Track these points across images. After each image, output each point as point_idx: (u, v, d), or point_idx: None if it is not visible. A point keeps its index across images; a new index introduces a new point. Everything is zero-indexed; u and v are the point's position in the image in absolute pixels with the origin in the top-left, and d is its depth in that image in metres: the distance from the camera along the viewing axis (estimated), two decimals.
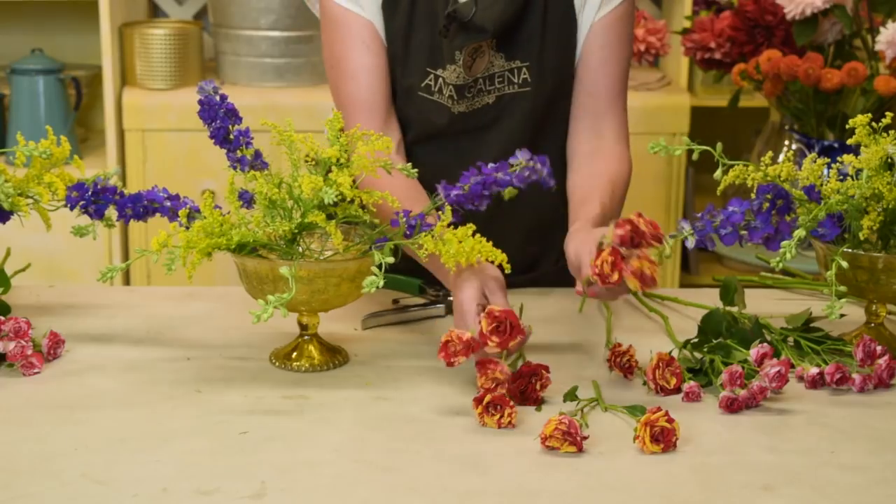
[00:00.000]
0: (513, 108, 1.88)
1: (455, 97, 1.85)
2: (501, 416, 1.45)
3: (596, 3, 1.86)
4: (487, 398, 1.45)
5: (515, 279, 1.93)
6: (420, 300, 1.85)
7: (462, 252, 1.52)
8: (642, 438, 1.40)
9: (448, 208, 1.56)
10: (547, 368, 1.53)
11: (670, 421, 1.40)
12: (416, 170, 1.63)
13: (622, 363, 1.60)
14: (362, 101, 1.84)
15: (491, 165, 1.58)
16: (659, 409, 1.41)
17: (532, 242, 1.99)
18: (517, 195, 1.62)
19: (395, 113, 1.89)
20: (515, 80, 1.86)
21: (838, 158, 1.60)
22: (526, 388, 1.52)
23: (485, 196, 1.58)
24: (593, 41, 1.87)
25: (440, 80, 1.84)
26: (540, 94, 1.88)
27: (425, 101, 1.86)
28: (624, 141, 1.91)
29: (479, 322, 1.50)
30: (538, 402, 1.52)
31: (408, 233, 1.56)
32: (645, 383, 1.58)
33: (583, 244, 1.58)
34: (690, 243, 1.59)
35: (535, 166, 1.57)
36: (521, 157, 1.59)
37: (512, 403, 1.46)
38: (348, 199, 1.55)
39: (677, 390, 1.55)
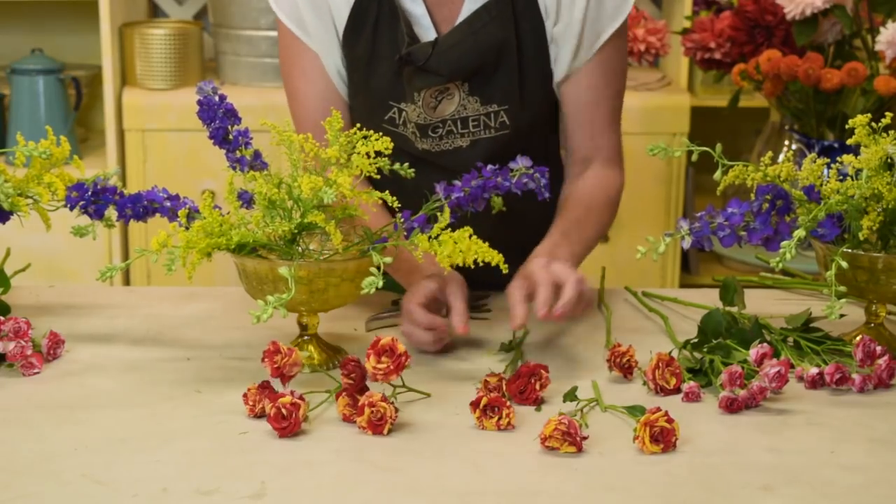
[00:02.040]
0: (490, 151, 1.83)
1: (418, 134, 1.83)
2: (500, 418, 1.45)
3: (570, 53, 1.79)
4: (484, 401, 1.45)
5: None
6: None
7: (457, 253, 1.52)
8: (642, 438, 1.40)
9: (447, 210, 1.57)
10: (546, 368, 1.53)
11: (670, 421, 1.40)
12: (412, 169, 1.63)
13: (622, 363, 1.60)
14: (302, 122, 1.85)
15: (490, 168, 1.59)
16: (659, 409, 1.41)
17: (536, 243, 1.98)
18: (523, 197, 1.62)
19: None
20: (492, 124, 1.82)
21: (838, 158, 1.60)
22: (525, 388, 1.52)
23: (483, 198, 1.59)
24: (581, 81, 1.82)
25: (403, 113, 1.82)
26: (521, 136, 1.85)
27: (391, 132, 1.82)
28: (616, 165, 1.89)
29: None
30: (538, 402, 1.52)
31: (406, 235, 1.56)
32: (645, 383, 1.58)
33: (515, 284, 1.63)
34: (686, 243, 1.59)
35: (534, 175, 1.59)
36: (521, 164, 1.59)
37: (509, 404, 1.45)
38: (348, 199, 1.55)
39: (677, 390, 1.55)
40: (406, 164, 1.64)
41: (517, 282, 1.62)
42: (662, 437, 1.40)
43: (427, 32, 1.78)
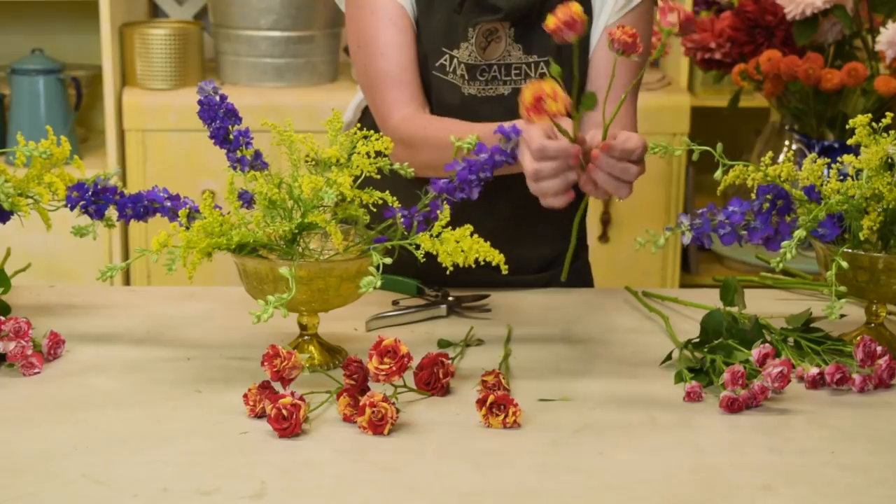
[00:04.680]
0: None
1: (466, 76, 1.86)
2: (506, 416, 1.45)
3: (611, 6, 1.86)
4: (490, 398, 1.45)
5: (529, 278, 1.94)
6: (420, 301, 1.85)
7: (459, 251, 1.52)
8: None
9: (447, 207, 1.56)
10: (446, 356, 1.55)
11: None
12: (412, 169, 1.63)
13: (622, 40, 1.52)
14: (393, 76, 1.85)
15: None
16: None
17: (546, 242, 1.99)
18: (532, 198, 1.62)
19: None
20: (532, 75, 1.87)
21: (838, 158, 1.60)
22: (430, 378, 1.53)
23: (474, 181, 1.58)
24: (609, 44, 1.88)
25: (454, 59, 1.85)
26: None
27: (440, 80, 1.87)
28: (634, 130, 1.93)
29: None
30: (444, 391, 1.53)
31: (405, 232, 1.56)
32: None
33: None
34: (686, 239, 1.59)
35: (512, 136, 1.58)
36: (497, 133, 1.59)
37: (516, 402, 1.45)
38: (348, 199, 1.55)
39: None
40: (407, 165, 1.63)
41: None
42: None
43: None
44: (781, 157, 3.01)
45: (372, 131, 1.56)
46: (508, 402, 1.45)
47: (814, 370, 1.57)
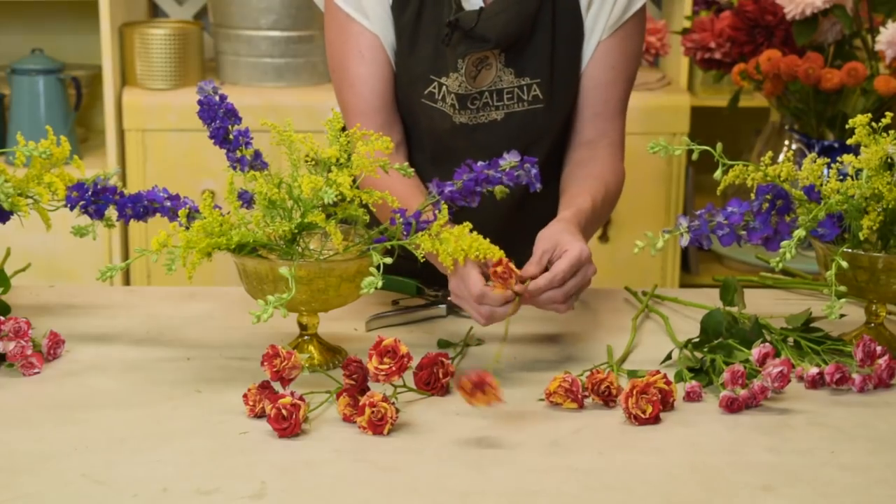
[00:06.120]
0: (524, 127, 1.86)
1: (457, 106, 1.84)
2: (486, 395, 1.41)
3: (604, 21, 1.84)
4: (468, 385, 1.41)
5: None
6: (419, 301, 1.85)
7: (459, 250, 1.52)
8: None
9: (445, 207, 1.57)
10: (447, 356, 1.55)
11: (668, 383, 1.48)
12: (412, 169, 1.63)
13: (601, 391, 1.52)
14: (359, 111, 1.85)
15: (481, 163, 1.59)
16: (659, 372, 1.49)
17: None
18: (529, 197, 1.62)
19: (401, 119, 1.88)
20: (525, 97, 1.84)
21: (838, 158, 1.60)
22: (430, 378, 1.53)
23: (476, 192, 1.59)
24: (603, 59, 1.86)
25: (444, 87, 1.83)
26: (553, 111, 1.87)
27: (429, 108, 1.85)
28: (620, 155, 1.91)
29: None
30: (444, 391, 1.54)
31: (405, 232, 1.56)
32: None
33: (548, 236, 1.63)
34: (684, 241, 1.59)
35: (525, 166, 1.59)
36: (510, 158, 1.60)
37: (489, 379, 1.41)
38: (348, 199, 1.55)
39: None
40: (406, 165, 1.64)
41: (546, 242, 1.63)
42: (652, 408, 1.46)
43: (473, 4, 1.81)
44: (781, 157, 3.01)
45: (371, 131, 1.56)
46: (484, 378, 1.41)
47: (814, 370, 1.58)
